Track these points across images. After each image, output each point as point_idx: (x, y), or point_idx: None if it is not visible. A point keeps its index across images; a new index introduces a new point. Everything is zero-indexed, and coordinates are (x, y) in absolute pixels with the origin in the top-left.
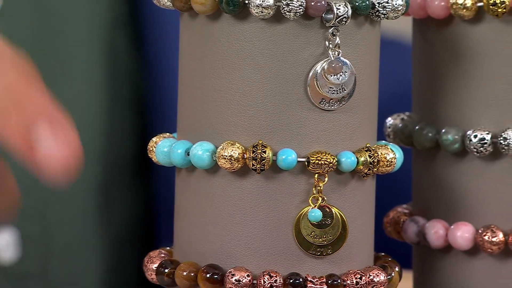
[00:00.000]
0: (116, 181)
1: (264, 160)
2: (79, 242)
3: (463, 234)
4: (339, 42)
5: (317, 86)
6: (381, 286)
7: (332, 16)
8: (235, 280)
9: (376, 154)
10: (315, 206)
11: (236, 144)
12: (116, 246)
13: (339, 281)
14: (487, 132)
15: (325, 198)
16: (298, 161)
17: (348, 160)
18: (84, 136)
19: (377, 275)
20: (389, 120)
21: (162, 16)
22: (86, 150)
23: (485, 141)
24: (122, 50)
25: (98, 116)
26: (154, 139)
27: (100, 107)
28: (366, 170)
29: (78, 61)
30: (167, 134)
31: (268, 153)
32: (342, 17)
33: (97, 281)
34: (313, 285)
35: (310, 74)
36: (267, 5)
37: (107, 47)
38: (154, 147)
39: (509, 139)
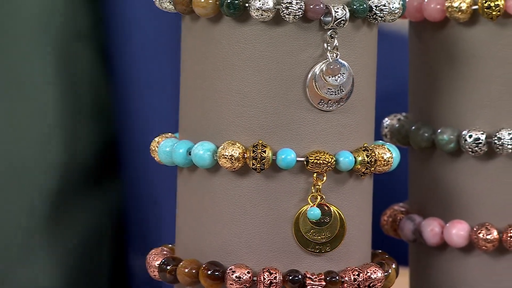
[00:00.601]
0: (77, 188)
1: (264, 159)
2: (40, 249)
3: (458, 232)
4: (337, 44)
5: (316, 87)
6: (378, 283)
7: (330, 19)
8: (236, 277)
9: (374, 154)
10: (314, 204)
11: (237, 144)
12: (82, 252)
13: (337, 277)
14: (481, 132)
15: (324, 197)
16: (297, 160)
17: (346, 159)
18: (44, 144)
19: (375, 272)
20: (386, 121)
21: (127, 27)
22: (47, 159)
23: (480, 141)
24: (84, 61)
25: (58, 125)
26: (156, 139)
27: (60, 117)
28: (363, 169)
29: (35, 72)
30: (169, 134)
31: (268, 153)
32: (340, 20)
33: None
34: (312, 282)
35: (309, 75)
36: (267, 8)
37: (68, 58)
38: (157, 147)
39: (503, 139)
